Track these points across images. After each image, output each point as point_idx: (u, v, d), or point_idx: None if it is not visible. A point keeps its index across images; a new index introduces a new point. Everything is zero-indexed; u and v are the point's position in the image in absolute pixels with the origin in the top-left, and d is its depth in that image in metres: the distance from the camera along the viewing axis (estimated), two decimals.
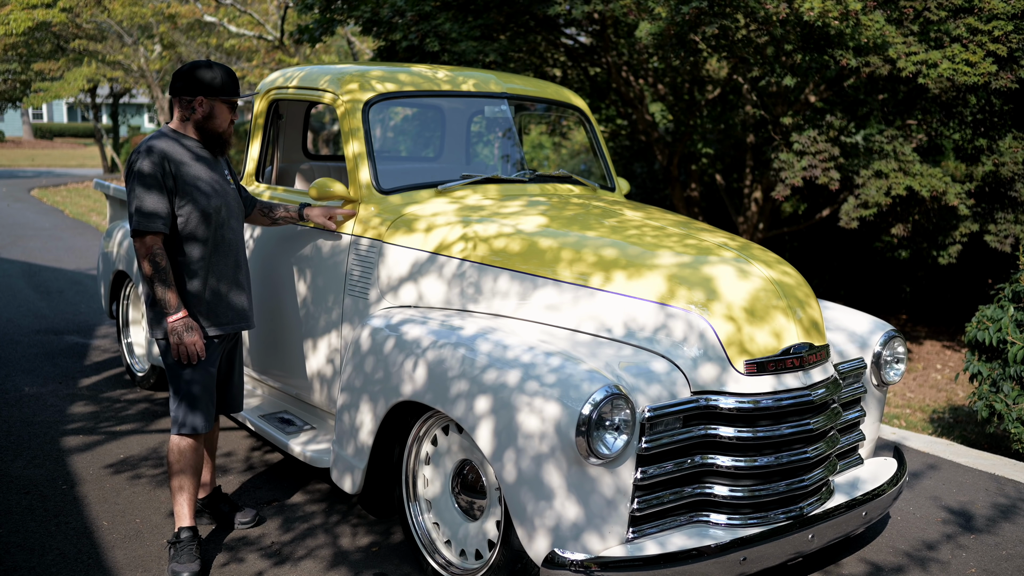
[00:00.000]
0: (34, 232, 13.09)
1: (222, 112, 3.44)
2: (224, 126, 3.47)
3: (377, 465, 3.41)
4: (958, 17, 6.19)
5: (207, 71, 3.40)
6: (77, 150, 40.46)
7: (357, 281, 3.75)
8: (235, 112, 3.51)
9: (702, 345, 2.93)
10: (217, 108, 3.42)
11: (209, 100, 3.40)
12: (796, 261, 9.04)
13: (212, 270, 3.40)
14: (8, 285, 8.74)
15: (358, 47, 16.87)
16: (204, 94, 3.39)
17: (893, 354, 3.60)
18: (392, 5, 7.27)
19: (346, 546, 3.55)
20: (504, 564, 2.95)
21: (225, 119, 3.46)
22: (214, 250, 3.40)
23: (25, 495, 3.91)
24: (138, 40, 21.81)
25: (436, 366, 3.05)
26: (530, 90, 4.60)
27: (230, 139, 3.54)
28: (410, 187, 3.94)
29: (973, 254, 8.28)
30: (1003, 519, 3.99)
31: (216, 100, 3.40)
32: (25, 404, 5.13)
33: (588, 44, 8.74)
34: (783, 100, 7.88)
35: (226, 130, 3.48)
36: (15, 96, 26.08)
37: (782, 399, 2.94)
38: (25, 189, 20.99)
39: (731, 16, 6.35)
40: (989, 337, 5.00)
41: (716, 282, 3.03)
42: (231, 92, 3.44)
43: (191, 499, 3.40)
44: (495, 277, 3.35)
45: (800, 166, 6.84)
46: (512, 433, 2.76)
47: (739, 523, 2.93)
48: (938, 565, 3.53)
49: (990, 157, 6.99)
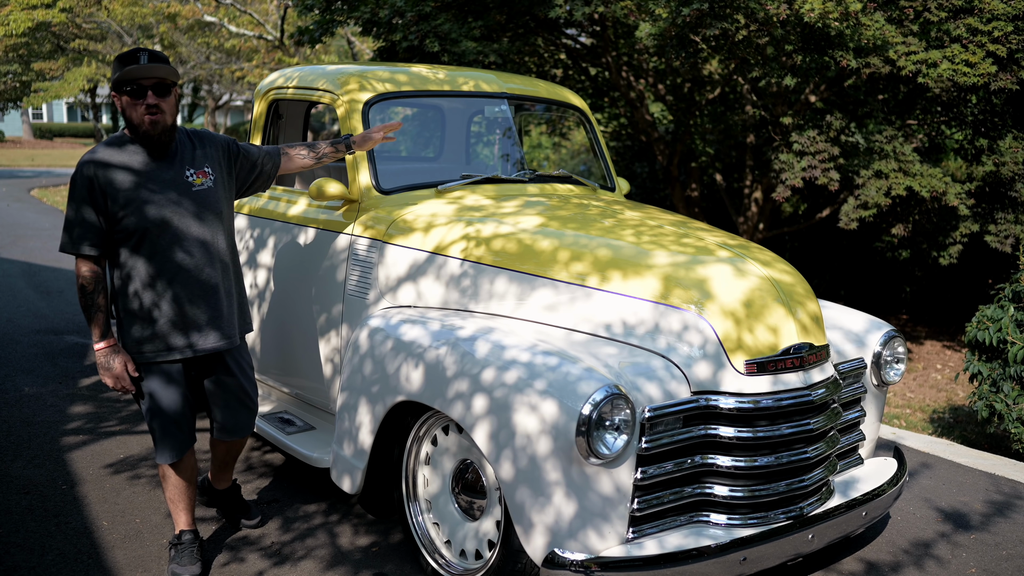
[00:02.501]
0: (34, 232, 13.09)
1: (126, 102, 2.92)
2: (137, 119, 2.92)
3: (377, 465, 3.41)
4: (958, 17, 6.19)
5: (114, 61, 2.95)
6: (77, 150, 40.44)
7: (356, 281, 3.75)
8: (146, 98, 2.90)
9: (702, 345, 2.93)
10: (122, 99, 2.94)
11: (116, 94, 2.95)
12: (796, 261, 9.04)
13: (160, 289, 3.02)
14: (8, 285, 8.74)
15: (358, 47, 16.88)
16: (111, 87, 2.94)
17: (893, 354, 3.60)
18: (392, 6, 7.27)
19: (346, 546, 3.55)
20: (504, 564, 2.94)
21: (134, 111, 2.91)
22: (162, 267, 3.01)
23: (25, 495, 3.91)
24: (138, 40, 21.80)
25: (435, 366, 3.05)
26: (530, 90, 4.60)
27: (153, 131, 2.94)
28: (410, 187, 3.94)
29: (973, 254, 8.28)
30: (1003, 519, 3.99)
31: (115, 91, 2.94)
32: (25, 404, 5.13)
33: (589, 44, 8.74)
34: (783, 100, 7.88)
35: (141, 123, 2.92)
36: (15, 96, 26.09)
37: (782, 399, 2.94)
38: (25, 189, 20.98)
39: (731, 17, 6.36)
40: (989, 337, 5.00)
41: (716, 282, 3.03)
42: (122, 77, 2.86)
43: (187, 508, 3.31)
44: (495, 277, 3.35)
45: (800, 166, 6.84)
46: (512, 433, 2.76)
47: (739, 523, 2.93)
48: (938, 565, 3.53)
49: (990, 157, 7.00)
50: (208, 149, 3.18)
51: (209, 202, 3.10)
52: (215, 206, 3.12)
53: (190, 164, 3.09)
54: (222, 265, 3.16)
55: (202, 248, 3.07)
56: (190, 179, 3.07)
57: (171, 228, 3.00)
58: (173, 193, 3.01)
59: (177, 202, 3.01)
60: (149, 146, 2.99)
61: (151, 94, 2.93)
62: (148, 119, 2.93)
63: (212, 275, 3.11)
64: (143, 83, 2.91)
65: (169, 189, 3.01)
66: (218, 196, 3.15)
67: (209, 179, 3.12)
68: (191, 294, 3.06)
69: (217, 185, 3.16)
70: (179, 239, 3.02)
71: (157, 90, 2.94)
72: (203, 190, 3.09)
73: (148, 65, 2.89)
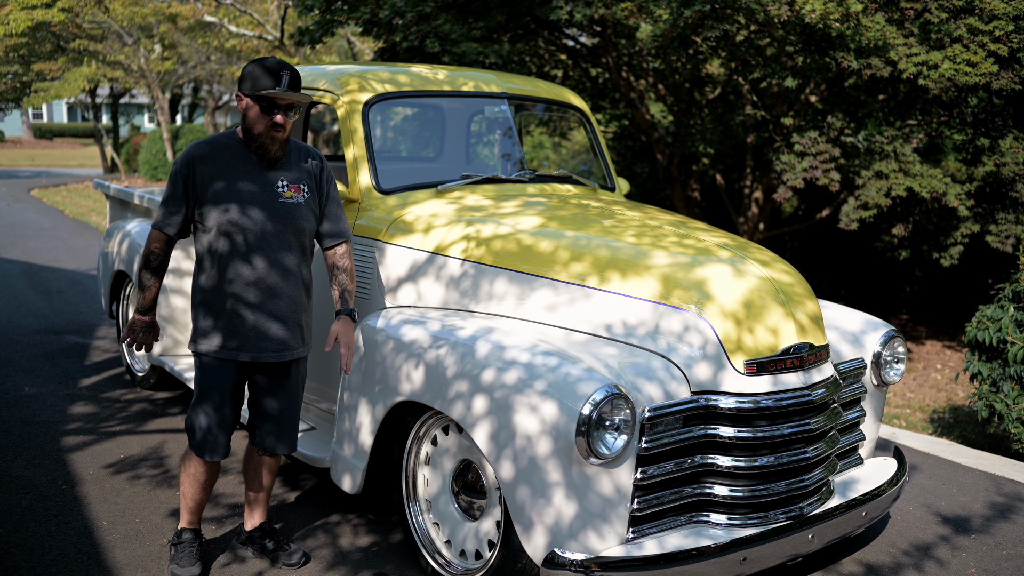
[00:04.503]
0: (34, 232, 13.09)
1: (253, 111, 3.02)
2: (258, 128, 3.03)
3: (377, 465, 3.41)
4: (959, 18, 6.19)
5: (254, 65, 3.03)
6: (77, 150, 40.46)
7: (357, 281, 3.75)
8: (275, 115, 3.00)
9: (702, 345, 2.93)
10: (251, 107, 3.02)
11: (244, 96, 3.03)
12: (796, 261, 9.04)
13: (229, 289, 3.07)
14: (8, 285, 8.74)
15: (358, 48, 16.87)
16: (241, 89, 3.03)
17: (893, 354, 3.60)
18: (392, 6, 7.27)
19: (346, 546, 3.55)
20: (504, 564, 2.95)
21: (258, 120, 3.02)
22: (236, 269, 3.06)
23: (25, 495, 3.91)
24: (138, 40, 21.81)
25: (436, 366, 3.05)
26: (530, 90, 4.60)
27: (272, 146, 3.05)
28: (410, 187, 3.94)
29: (974, 254, 8.28)
30: (1003, 519, 3.99)
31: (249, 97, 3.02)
32: (25, 404, 5.13)
33: (589, 45, 8.73)
34: (783, 100, 7.88)
35: (262, 133, 3.03)
36: (16, 97, 26.09)
37: (782, 399, 2.94)
38: (25, 189, 21.00)
39: (732, 19, 6.36)
40: (989, 337, 5.00)
41: (716, 282, 3.03)
42: (263, 87, 2.97)
43: (195, 507, 3.28)
44: (494, 277, 3.35)
45: (801, 167, 6.84)
46: (512, 433, 2.76)
47: (739, 523, 2.93)
48: (937, 565, 3.53)
49: (991, 157, 6.99)
50: (311, 166, 3.22)
51: (292, 216, 3.11)
52: (298, 222, 3.12)
53: (286, 176, 3.14)
54: (294, 279, 3.15)
55: (276, 258, 3.09)
56: (280, 189, 3.11)
57: (249, 233, 3.04)
58: (260, 200, 3.06)
59: (262, 209, 3.05)
60: (257, 151, 3.08)
61: (281, 114, 3.02)
62: (272, 135, 3.04)
63: (282, 287, 3.11)
64: (279, 102, 3.01)
65: (257, 196, 3.06)
66: (304, 213, 3.15)
67: (301, 195, 3.15)
68: (258, 301, 3.08)
69: (307, 203, 3.17)
70: (256, 245, 3.05)
71: (287, 110, 3.03)
72: (291, 203, 3.11)
73: (288, 92, 2.99)
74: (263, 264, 3.07)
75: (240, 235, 3.04)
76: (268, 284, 3.09)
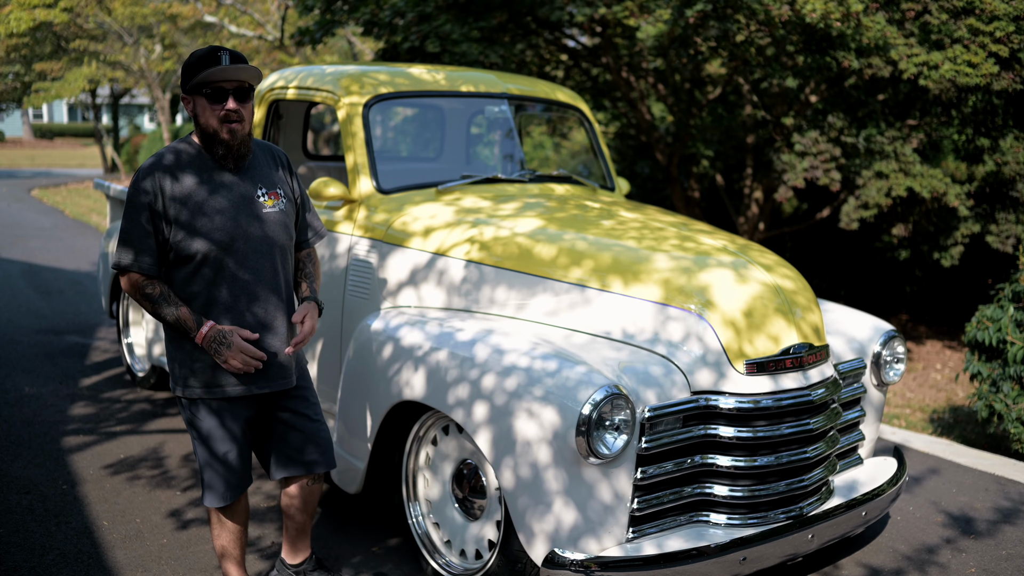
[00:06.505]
0: (34, 232, 13.10)
1: (202, 106, 2.57)
2: (212, 124, 2.57)
3: (377, 466, 3.41)
4: (959, 18, 6.19)
5: (188, 60, 2.59)
6: (77, 150, 40.47)
7: (356, 282, 3.75)
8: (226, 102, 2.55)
9: (702, 345, 2.94)
10: (197, 102, 2.59)
11: (188, 95, 2.61)
12: (796, 261, 9.04)
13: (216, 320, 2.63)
14: (8, 285, 8.75)
15: (359, 48, 16.87)
16: (183, 89, 2.59)
17: (893, 354, 3.60)
18: (393, 6, 7.27)
19: (346, 546, 3.55)
20: (504, 564, 2.95)
21: (210, 114, 2.57)
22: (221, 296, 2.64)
23: (25, 495, 3.91)
24: (138, 40, 21.81)
25: (436, 367, 3.05)
26: (530, 90, 4.60)
27: (233, 142, 2.60)
28: (410, 187, 3.94)
29: (974, 254, 8.28)
30: (1003, 519, 3.99)
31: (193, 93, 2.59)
32: (25, 404, 5.14)
33: (590, 45, 8.73)
34: (784, 100, 7.88)
35: (217, 129, 2.58)
36: (16, 97, 26.11)
37: (782, 399, 2.94)
38: (25, 189, 21.00)
39: (733, 19, 6.36)
40: (989, 337, 5.00)
41: (715, 283, 3.03)
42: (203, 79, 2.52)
43: (239, 560, 2.92)
44: (495, 278, 3.35)
45: (802, 167, 6.84)
46: (512, 433, 2.76)
47: (739, 523, 2.93)
48: (937, 565, 3.52)
49: (992, 157, 6.99)
50: (281, 167, 2.83)
51: (277, 228, 2.71)
52: (282, 233, 2.73)
53: (263, 182, 2.72)
54: (286, 300, 2.77)
55: (266, 278, 2.69)
56: (261, 199, 2.69)
57: (235, 254, 2.62)
58: (241, 214, 2.63)
59: (245, 224, 2.63)
60: (222, 157, 2.63)
61: (232, 99, 2.57)
62: (227, 127, 2.58)
63: (274, 310, 2.72)
64: (224, 86, 2.55)
65: (237, 209, 2.63)
66: (286, 222, 2.76)
67: (280, 202, 2.74)
68: (258, 319, 2.68)
69: (287, 210, 2.77)
70: (242, 266, 2.64)
71: (238, 95, 2.58)
72: (273, 213, 2.70)
73: (232, 67, 2.53)
74: (259, 288, 2.68)
75: (229, 259, 2.63)
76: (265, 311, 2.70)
